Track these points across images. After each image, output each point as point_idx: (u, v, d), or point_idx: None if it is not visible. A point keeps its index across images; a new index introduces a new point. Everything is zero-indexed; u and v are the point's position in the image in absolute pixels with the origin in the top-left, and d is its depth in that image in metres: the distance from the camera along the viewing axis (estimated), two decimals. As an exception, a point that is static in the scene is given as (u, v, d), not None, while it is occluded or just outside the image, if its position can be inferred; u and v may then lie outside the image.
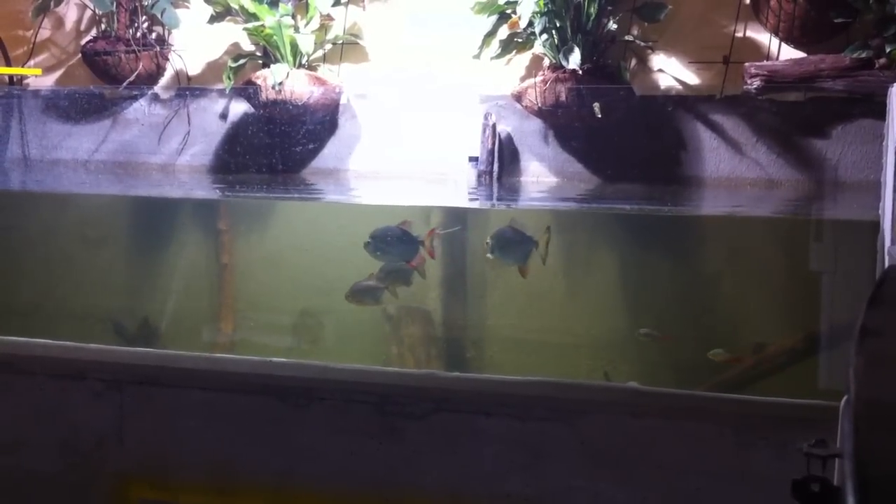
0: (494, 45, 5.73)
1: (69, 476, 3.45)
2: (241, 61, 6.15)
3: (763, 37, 5.52)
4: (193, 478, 3.33)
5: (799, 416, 2.82)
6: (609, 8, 5.50)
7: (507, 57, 5.80)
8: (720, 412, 2.97)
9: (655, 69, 5.73)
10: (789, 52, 5.43)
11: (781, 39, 5.41)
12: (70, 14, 6.83)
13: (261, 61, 6.20)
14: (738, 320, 4.99)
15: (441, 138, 6.04)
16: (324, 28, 6.21)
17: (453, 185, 6.03)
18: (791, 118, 5.51)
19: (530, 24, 5.46)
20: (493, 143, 5.84)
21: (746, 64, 5.34)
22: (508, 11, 5.58)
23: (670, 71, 5.71)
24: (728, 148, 5.63)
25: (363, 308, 5.02)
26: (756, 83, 5.27)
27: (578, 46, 5.40)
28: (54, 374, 3.46)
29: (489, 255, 4.75)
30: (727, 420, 2.89)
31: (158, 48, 6.48)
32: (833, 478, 1.60)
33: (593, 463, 2.98)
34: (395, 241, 4.80)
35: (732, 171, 5.63)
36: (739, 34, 5.58)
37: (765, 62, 5.38)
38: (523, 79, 5.84)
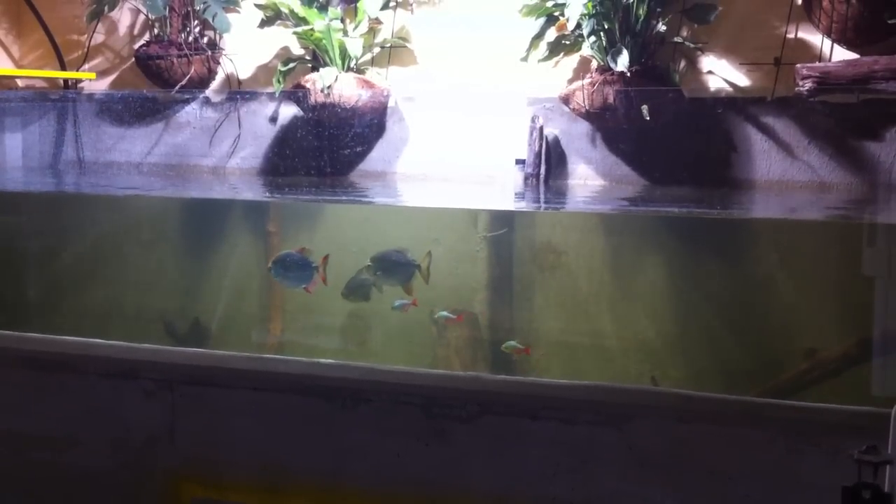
0: (542, 47, 5.71)
1: (121, 474, 3.51)
2: (291, 65, 6.20)
3: (815, 38, 5.45)
4: (243, 477, 3.37)
5: (850, 423, 2.78)
6: (658, 9, 5.46)
7: (555, 59, 5.79)
8: (770, 418, 2.94)
9: (705, 71, 5.68)
10: (842, 54, 5.34)
11: (834, 40, 5.33)
12: (124, 19, 6.94)
13: (310, 65, 6.25)
14: (790, 325, 4.93)
15: (488, 141, 6.04)
16: (372, 32, 6.25)
17: (500, 188, 6.02)
18: (844, 120, 5.42)
19: (578, 26, 5.44)
20: (541, 146, 5.83)
21: (798, 65, 5.27)
22: (556, 14, 5.57)
23: (720, 72, 5.65)
24: (779, 150, 5.56)
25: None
26: (808, 85, 5.20)
27: (627, 48, 5.37)
28: (107, 373, 3.52)
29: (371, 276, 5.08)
30: (777, 426, 2.86)
31: (210, 52, 6.56)
32: (884, 484, 1.58)
33: (641, 468, 2.96)
34: (293, 267, 5.04)
35: (783, 173, 5.56)
36: (791, 35, 5.51)
37: (817, 63, 5.30)
38: (571, 81, 5.82)
